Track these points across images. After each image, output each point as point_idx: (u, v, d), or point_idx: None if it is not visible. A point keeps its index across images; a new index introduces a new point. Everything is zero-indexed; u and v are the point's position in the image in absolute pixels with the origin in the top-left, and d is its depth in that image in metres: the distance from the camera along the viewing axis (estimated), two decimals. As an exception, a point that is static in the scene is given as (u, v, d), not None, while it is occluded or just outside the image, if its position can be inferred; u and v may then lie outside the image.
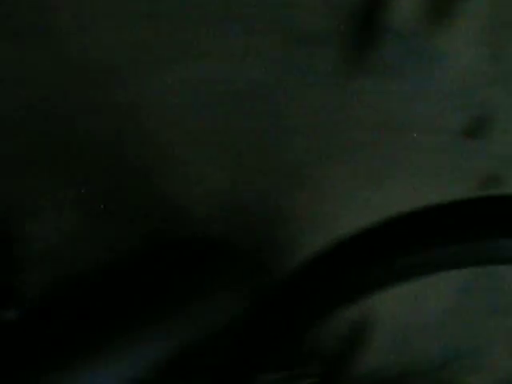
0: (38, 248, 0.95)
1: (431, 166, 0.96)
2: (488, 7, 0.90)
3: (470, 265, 0.76)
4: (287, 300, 0.83)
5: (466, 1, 0.90)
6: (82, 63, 0.85)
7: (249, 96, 0.89)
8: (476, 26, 0.91)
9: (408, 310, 1.01)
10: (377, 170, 0.94)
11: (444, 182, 0.96)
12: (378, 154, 0.93)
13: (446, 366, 1.05)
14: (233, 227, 0.94)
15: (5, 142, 0.91)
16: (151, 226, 0.92)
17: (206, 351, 0.90)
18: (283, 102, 0.89)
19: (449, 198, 0.67)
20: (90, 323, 0.76)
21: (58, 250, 0.95)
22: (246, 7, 0.85)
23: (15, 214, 0.95)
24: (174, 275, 0.82)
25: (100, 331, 0.75)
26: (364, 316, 1.00)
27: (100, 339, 0.74)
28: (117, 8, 0.83)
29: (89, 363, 0.72)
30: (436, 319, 1.01)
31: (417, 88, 0.91)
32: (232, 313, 0.89)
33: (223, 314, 0.87)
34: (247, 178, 0.92)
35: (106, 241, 0.94)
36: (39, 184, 0.93)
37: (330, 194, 0.94)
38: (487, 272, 1.01)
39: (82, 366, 0.72)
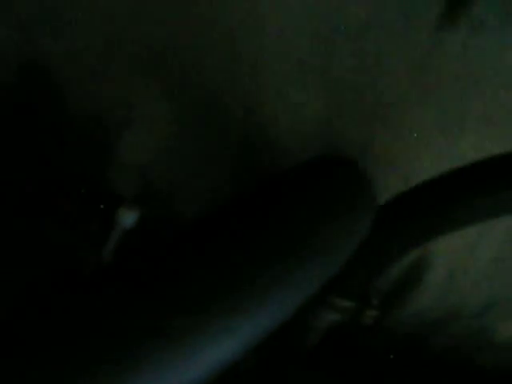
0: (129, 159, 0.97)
1: None
2: None
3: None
4: (378, 234, 0.88)
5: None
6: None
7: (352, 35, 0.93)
8: None
9: (459, 257, 1.07)
10: (459, 119, 0.99)
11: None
12: (462, 104, 0.98)
13: (484, 314, 1.12)
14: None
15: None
16: (246, 153, 0.95)
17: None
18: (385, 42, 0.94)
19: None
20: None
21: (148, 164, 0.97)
22: None
23: (106, 124, 0.96)
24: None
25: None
26: (421, 256, 1.06)
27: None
28: None
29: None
30: (483, 267, 1.08)
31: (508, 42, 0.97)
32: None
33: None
34: (339, 112, 0.97)
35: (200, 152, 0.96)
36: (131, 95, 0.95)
37: (410, 137, 0.99)
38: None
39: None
